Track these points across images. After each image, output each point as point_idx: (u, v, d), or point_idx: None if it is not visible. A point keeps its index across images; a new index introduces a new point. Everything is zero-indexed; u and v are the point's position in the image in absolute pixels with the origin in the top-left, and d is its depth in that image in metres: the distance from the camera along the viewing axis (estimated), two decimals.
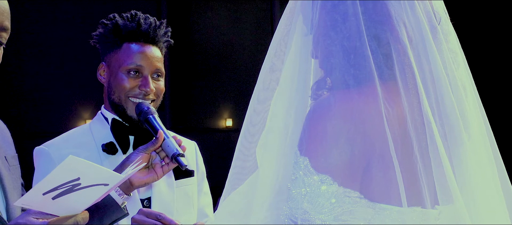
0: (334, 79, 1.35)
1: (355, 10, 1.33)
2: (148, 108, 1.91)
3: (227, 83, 9.79)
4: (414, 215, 1.29)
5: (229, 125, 9.98)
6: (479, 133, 1.40)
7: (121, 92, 2.00)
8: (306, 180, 1.27)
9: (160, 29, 2.08)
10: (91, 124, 2.10)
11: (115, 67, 2.02)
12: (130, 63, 2.00)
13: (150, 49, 2.04)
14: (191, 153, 2.18)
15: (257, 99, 1.46)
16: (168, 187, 2.05)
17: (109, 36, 2.05)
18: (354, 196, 1.28)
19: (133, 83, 2.00)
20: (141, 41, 2.04)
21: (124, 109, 2.01)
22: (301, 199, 1.27)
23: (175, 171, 2.07)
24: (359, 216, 1.28)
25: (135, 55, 2.01)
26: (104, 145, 2.01)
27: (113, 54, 2.04)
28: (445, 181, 1.29)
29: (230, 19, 9.75)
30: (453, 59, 1.39)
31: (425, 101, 1.30)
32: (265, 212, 1.33)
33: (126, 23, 2.04)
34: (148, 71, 2.01)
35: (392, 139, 1.26)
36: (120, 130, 2.03)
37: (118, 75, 2.01)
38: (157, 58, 2.04)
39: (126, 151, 2.02)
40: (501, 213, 1.37)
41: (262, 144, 1.38)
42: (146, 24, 2.05)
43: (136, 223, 1.79)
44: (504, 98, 6.77)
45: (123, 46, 2.03)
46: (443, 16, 1.41)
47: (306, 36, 1.39)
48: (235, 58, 9.76)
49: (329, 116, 1.29)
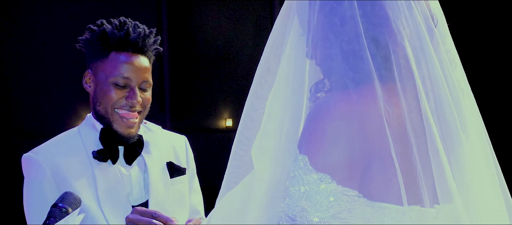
0: (333, 82, 1.36)
1: (353, 13, 1.33)
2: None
3: (227, 83, 9.78)
4: (413, 214, 1.30)
5: (229, 125, 9.97)
6: (476, 133, 1.41)
7: (107, 104, 1.96)
8: (305, 178, 1.28)
9: (149, 38, 2.03)
10: (80, 129, 2.05)
11: (102, 78, 1.98)
12: (118, 75, 1.95)
13: (138, 60, 1.99)
14: (181, 149, 2.16)
15: (252, 99, 1.46)
16: (164, 186, 2.04)
17: (96, 43, 2.00)
18: (353, 194, 1.29)
19: (119, 95, 1.96)
20: (129, 51, 1.98)
21: (110, 122, 1.98)
22: (300, 197, 1.28)
23: (170, 169, 2.07)
24: (358, 215, 1.29)
25: (122, 66, 1.96)
26: (95, 152, 1.97)
27: (100, 63, 1.99)
28: (445, 181, 1.30)
29: (230, 19, 9.75)
30: (450, 61, 1.40)
31: (424, 102, 1.31)
32: (261, 210, 1.34)
33: (114, 31, 1.99)
34: (135, 83, 1.97)
35: (392, 139, 1.28)
36: (109, 141, 1.99)
37: (104, 86, 1.97)
38: (145, 69, 2.00)
39: (115, 161, 1.98)
40: (499, 212, 1.39)
41: (257, 145, 1.38)
42: (135, 34, 1.99)
43: (131, 223, 1.77)
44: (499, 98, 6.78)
45: (111, 55, 1.98)
46: (440, 18, 1.43)
47: (301, 37, 1.40)
48: (235, 58, 9.76)
49: (329, 116, 1.30)
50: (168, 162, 2.09)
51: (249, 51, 9.53)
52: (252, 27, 9.76)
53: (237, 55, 9.78)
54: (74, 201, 1.74)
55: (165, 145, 2.13)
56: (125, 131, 1.99)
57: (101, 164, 1.97)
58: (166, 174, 2.06)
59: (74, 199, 1.75)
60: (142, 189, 2.01)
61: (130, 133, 2.00)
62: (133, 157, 2.02)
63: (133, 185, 2.00)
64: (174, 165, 2.09)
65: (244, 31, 9.72)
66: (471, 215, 1.33)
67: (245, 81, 9.49)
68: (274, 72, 1.42)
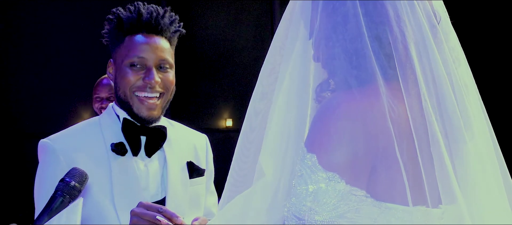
0: (338, 81, 1.36)
1: (356, 11, 1.33)
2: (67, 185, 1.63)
3: (227, 83, 9.78)
4: (419, 214, 1.30)
5: (229, 125, 9.97)
6: (480, 131, 1.41)
7: (126, 87, 1.93)
8: (313, 177, 1.27)
9: (164, 18, 1.99)
10: (101, 119, 2.02)
11: (119, 62, 1.96)
12: (133, 56, 1.92)
13: (153, 40, 1.95)
14: (202, 149, 2.12)
15: (256, 102, 1.46)
16: (183, 187, 1.99)
17: (113, 31, 1.99)
18: (360, 194, 1.28)
19: (136, 76, 1.93)
20: (144, 32, 1.95)
21: (130, 106, 1.95)
22: (307, 196, 1.27)
23: (190, 169, 2.03)
24: (365, 215, 1.29)
25: (137, 47, 1.93)
26: (114, 145, 1.93)
27: (117, 49, 1.98)
28: (448, 181, 1.29)
29: (230, 19, 9.75)
30: (453, 58, 1.39)
31: (427, 101, 1.30)
32: (264, 210, 1.33)
33: (128, 15, 1.97)
34: (152, 62, 1.93)
35: (397, 138, 1.27)
36: (131, 131, 1.95)
37: (122, 69, 1.94)
38: (162, 49, 1.96)
39: (136, 153, 1.95)
40: (503, 212, 1.38)
41: (265, 150, 1.37)
42: (147, 14, 1.97)
43: (136, 217, 1.73)
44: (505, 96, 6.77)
45: (126, 39, 1.96)
46: (443, 15, 1.42)
47: (306, 40, 1.40)
48: (235, 58, 9.75)
49: (335, 115, 1.30)
50: (189, 162, 2.05)
51: (249, 51, 9.53)
52: (252, 27, 9.75)
53: (237, 55, 9.77)
54: (80, 175, 1.72)
55: (186, 143, 2.09)
56: (146, 113, 1.94)
57: (118, 158, 1.93)
58: (186, 174, 2.02)
59: (80, 174, 1.73)
60: (158, 186, 1.97)
61: (151, 115, 1.95)
62: (154, 149, 1.98)
63: (150, 181, 1.95)
64: (194, 166, 2.05)
65: (244, 31, 9.72)
66: (474, 215, 1.32)
67: (245, 80, 9.50)
68: (277, 73, 1.41)
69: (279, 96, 1.38)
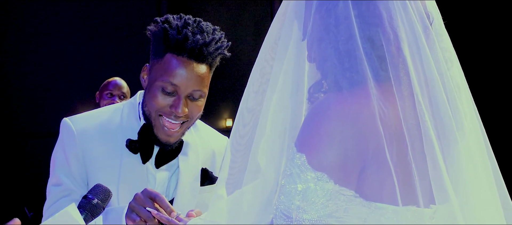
0: (330, 83, 1.36)
1: (348, 13, 1.33)
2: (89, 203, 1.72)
3: (227, 83, 9.78)
4: (409, 214, 1.31)
5: (229, 125, 9.97)
6: (472, 131, 1.41)
7: (152, 108, 1.89)
8: (302, 176, 1.28)
9: (209, 47, 1.90)
10: (124, 110, 2.00)
11: (153, 77, 1.90)
12: (166, 80, 1.85)
13: (191, 67, 1.86)
14: (220, 155, 2.07)
15: (247, 102, 1.46)
16: (191, 192, 1.98)
17: (157, 41, 1.92)
18: (349, 194, 1.29)
19: (164, 102, 1.88)
20: (185, 56, 1.86)
21: (152, 125, 1.92)
22: (296, 195, 1.28)
23: (203, 177, 2.01)
24: (354, 215, 1.29)
25: (173, 71, 1.85)
26: (129, 141, 1.92)
27: (156, 62, 1.91)
28: (441, 181, 1.30)
29: (230, 19, 9.75)
30: (446, 59, 1.40)
31: (421, 102, 1.31)
32: (260, 209, 1.34)
33: (173, 33, 1.87)
34: (183, 92, 1.86)
35: (387, 139, 1.28)
36: (146, 138, 1.93)
37: (153, 88, 1.89)
38: (198, 77, 1.87)
39: (146, 161, 1.93)
40: (495, 212, 1.39)
41: (262, 151, 1.38)
42: (193, 42, 1.86)
43: (131, 210, 1.73)
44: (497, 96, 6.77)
45: (166, 57, 1.87)
46: (436, 16, 1.43)
47: (300, 41, 1.41)
48: (235, 58, 9.75)
49: (326, 116, 1.30)
50: (203, 169, 2.03)
51: (249, 51, 9.53)
52: (252, 27, 9.75)
53: (237, 55, 9.76)
54: (103, 192, 1.75)
55: (205, 150, 2.06)
56: (164, 138, 1.92)
57: (131, 156, 1.92)
58: (197, 181, 2.00)
59: (104, 191, 1.75)
60: (164, 190, 1.96)
61: (168, 141, 1.93)
62: (163, 162, 1.97)
63: (157, 185, 1.95)
64: (208, 174, 2.03)
65: (244, 31, 9.72)
66: (466, 214, 1.33)
67: (245, 81, 9.47)
68: (269, 73, 1.42)
69: (274, 96, 1.39)
